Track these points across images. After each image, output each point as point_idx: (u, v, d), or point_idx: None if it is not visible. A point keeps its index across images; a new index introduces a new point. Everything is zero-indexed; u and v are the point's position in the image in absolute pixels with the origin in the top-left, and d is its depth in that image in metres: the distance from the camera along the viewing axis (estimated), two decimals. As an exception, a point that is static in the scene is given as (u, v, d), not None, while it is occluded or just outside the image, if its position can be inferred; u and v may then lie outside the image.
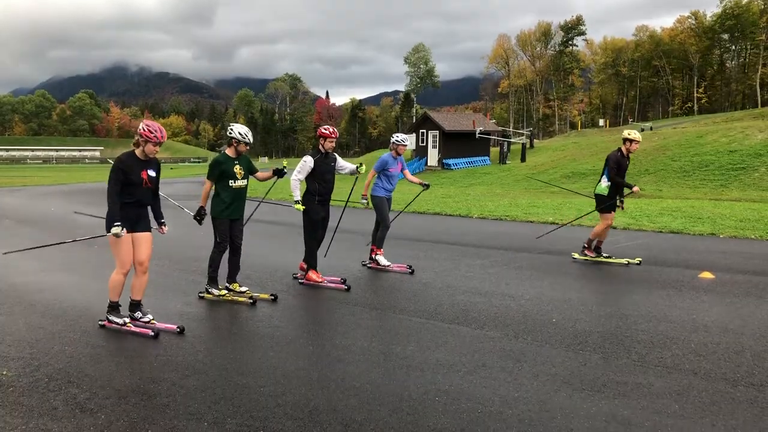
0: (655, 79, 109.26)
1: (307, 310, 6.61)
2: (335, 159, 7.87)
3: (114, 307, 5.78)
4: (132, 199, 5.61)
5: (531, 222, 15.17)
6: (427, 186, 9.19)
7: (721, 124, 43.45)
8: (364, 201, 9.05)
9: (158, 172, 5.85)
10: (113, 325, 5.73)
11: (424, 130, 43.36)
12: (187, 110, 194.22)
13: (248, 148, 6.88)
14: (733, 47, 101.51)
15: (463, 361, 4.88)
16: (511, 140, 47.90)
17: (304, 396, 4.13)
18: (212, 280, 6.99)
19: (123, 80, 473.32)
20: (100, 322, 5.83)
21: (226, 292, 6.99)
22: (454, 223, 15.39)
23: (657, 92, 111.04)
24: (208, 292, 7.00)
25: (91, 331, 5.68)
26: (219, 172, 6.76)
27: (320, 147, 7.69)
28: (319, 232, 7.88)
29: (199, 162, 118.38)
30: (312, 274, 7.81)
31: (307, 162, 7.58)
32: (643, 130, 53.43)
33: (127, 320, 5.74)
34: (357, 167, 7.95)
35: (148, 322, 5.78)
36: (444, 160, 42.15)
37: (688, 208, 16.79)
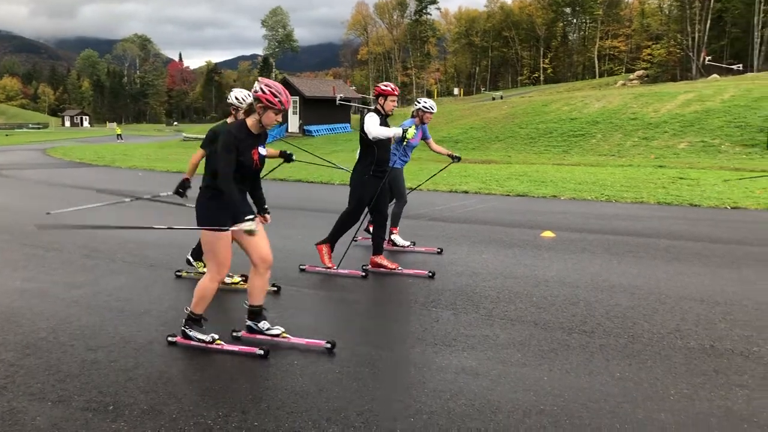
0: (505, 50, 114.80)
1: (159, 281, 6.35)
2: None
3: (197, 321, 4.47)
4: (237, 184, 4.28)
5: (390, 187, 15.51)
6: (458, 158, 7.98)
7: (564, 94, 46.60)
8: (457, 157, 7.88)
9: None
10: (193, 342, 4.44)
11: (284, 96, 42.62)
12: (23, 71, 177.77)
13: None
14: (575, 21, 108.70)
15: (324, 324, 4.94)
16: (372, 107, 48.43)
17: (157, 369, 4.01)
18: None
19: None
20: (169, 339, 4.51)
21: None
22: (316, 191, 15.42)
23: (507, 62, 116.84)
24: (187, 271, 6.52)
25: None
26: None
27: (379, 107, 6.68)
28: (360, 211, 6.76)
29: (39, 128, 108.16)
30: (325, 255, 6.73)
31: (374, 115, 6.59)
32: (494, 99, 56.08)
33: (216, 336, 4.43)
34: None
35: (278, 335, 4.55)
36: (305, 127, 41.84)
37: (534, 173, 17.95)
